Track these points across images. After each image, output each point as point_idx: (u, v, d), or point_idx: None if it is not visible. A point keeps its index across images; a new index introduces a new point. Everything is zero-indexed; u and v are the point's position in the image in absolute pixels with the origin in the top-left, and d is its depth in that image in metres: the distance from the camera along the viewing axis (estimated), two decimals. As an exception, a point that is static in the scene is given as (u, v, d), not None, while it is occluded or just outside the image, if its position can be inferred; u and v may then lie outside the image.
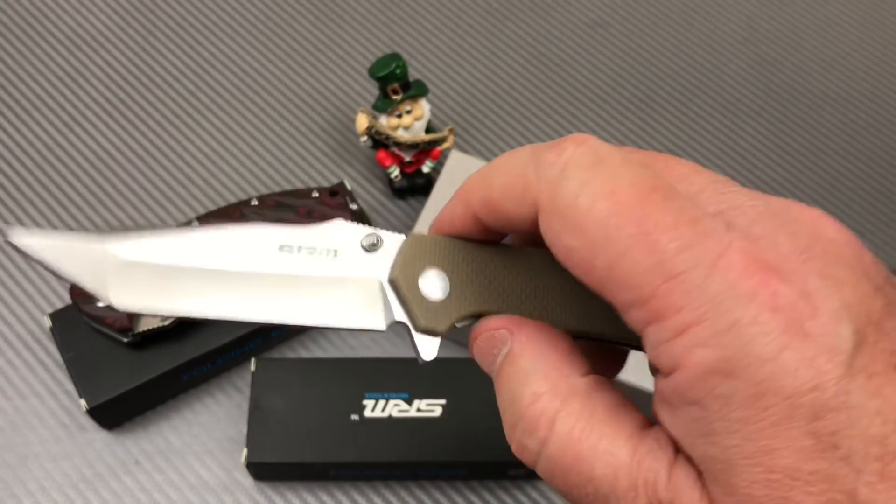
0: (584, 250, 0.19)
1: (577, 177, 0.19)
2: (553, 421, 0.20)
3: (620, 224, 0.18)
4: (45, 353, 0.53)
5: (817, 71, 0.70)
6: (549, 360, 0.22)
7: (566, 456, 0.20)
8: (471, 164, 0.56)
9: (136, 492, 0.49)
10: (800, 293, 0.17)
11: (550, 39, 0.70)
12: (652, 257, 0.18)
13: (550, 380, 0.21)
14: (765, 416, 0.17)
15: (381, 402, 0.47)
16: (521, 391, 0.21)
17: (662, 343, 0.18)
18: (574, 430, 0.20)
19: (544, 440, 0.20)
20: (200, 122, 0.63)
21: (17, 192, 0.59)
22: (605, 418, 0.20)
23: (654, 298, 0.18)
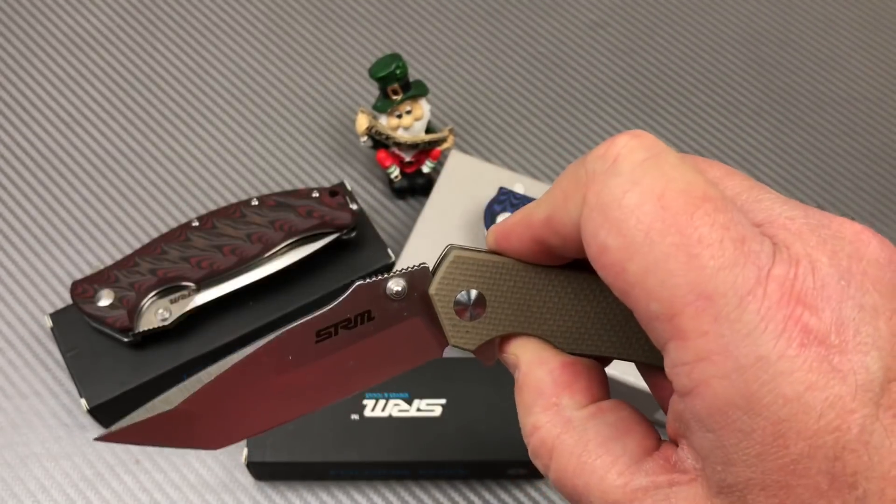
0: (620, 251, 0.18)
1: (627, 173, 0.18)
2: (552, 451, 0.21)
3: (664, 230, 0.17)
4: (45, 352, 0.53)
5: (817, 71, 0.70)
6: (547, 394, 0.22)
7: (566, 485, 0.21)
8: (471, 164, 0.56)
9: (137, 491, 0.49)
10: (832, 324, 0.16)
11: (550, 39, 0.70)
12: (689, 273, 0.17)
13: (548, 413, 0.22)
14: (784, 455, 0.16)
15: (381, 402, 0.47)
16: (525, 420, 0.22)
17: (682, 364, 0.17)
18: (570, 464, 0.21)
19: (546, 466, 0.21)
20: (200, 121, 0.63)
21: (17, 191, 0.59)
22: (600, 451, 0.20)
23: (682, 316, 0.17)
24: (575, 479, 0.20)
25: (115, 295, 0.47)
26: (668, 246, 0.17)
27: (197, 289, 0.49)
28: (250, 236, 0.49)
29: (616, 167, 0.19)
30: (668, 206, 0.18)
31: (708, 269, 0.17)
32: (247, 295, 0.50)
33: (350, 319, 0.24)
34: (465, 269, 0.23)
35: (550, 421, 0.22)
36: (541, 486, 0.51)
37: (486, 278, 0.23)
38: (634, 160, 0.19)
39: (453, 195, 0.54)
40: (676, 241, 0.17)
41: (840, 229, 0.18)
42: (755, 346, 0.16)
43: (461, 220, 0.54)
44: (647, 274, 0.18)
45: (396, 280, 0.24)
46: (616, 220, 0.18)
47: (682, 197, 0.18)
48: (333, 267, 0.53)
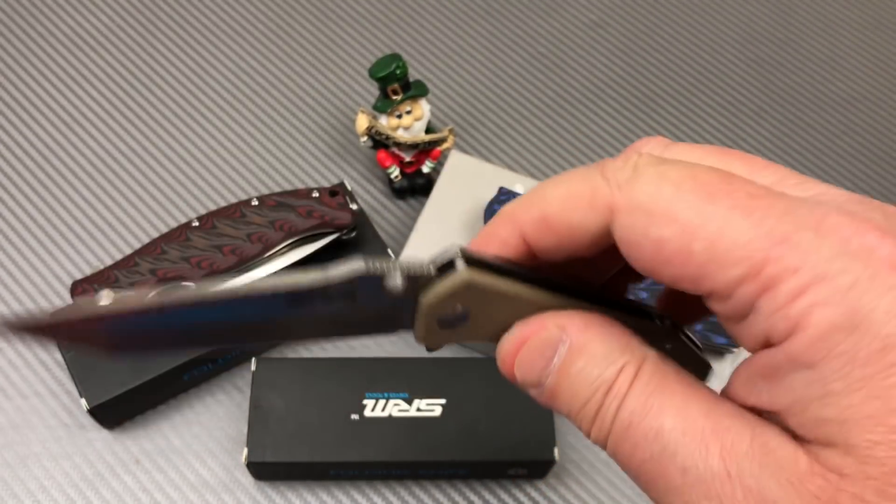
0: (680, 237, 0.18)
1: (652, 171, 0.19)
2: (632, 380, 0.20)
3: (713, 200, 0.18)
4: (45, 352, 0.53)
5: (817, 72, 0.70)
6: (618, 337, 0.21)
7: (635, 415, 0.19)
8: (471, 164, 0.56)
9: (137, 491, 0.49)
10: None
11: (550, 39, 0.70)
12: (756, 225, 0.17)
13: (628, 351, 0.20)
14: (890, 373, 0.16)
15: (381, 402, 0.47)
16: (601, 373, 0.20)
17: (779, 309, 0.17)
18: (649, 385, 0.19)
19: (622, 400, 0.20)
20: (200, 121, 0.63)
21: (17, 191, 0.59)
22: (679, 381, 0.20)
23: (768, 264, 0.17)
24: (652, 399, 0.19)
25: (114, 295, 0.47)
26: (725, 210, 0.18)
27: (197, 289, 0.49)
28: (250, 236, 0.49)
29: (639, 172, 0.19)
30: (706, 181, 0.18)
31: (771, 216, 0.17)
32: (247, 295, 0.50)
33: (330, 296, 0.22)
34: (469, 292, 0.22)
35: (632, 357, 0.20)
36: (541, 486, 0.51)
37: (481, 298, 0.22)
38: (653, 161, 0.19)
39: (453, 195, 0.54)
40: (730, 204, 0.18)
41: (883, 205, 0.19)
42: (848, 269, 0.17)
43: (461, 220, 0.54)
44: (717, 244, 0.18)
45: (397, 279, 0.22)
46: (662, 211, 0.18)
47: (713, 173, 0.18)
48: (333, 267, 0.52)
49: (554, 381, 0.21)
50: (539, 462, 0.47)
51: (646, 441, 0.19)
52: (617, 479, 0.51)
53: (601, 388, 0.20)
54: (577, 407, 0.21)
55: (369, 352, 0.54)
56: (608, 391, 0.20)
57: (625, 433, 0.19)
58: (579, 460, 0.52)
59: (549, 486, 0.51)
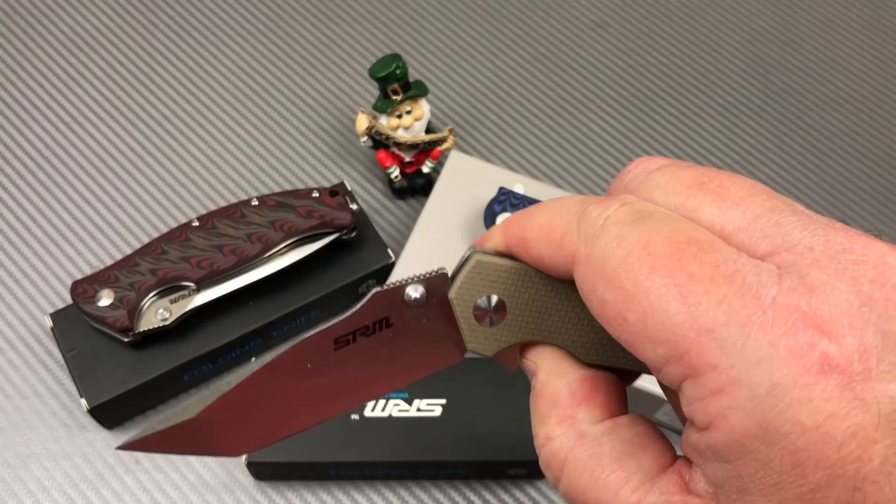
0: (618, 304, 0.18)
1: (614, 231, 0.19)
2: (564, 463, 0.21)
3: (653, 276, 0.18)
4: (45, 352, 0.53)
5: (817, 72, 0.70)
6: (563, 406, 0.22)
7: (576, 500, 0.21)
8: (471, 164, 0.56)
9: (137, 491, 0.49)
10: (854, 351, 0.16)
11: (550, 40, 0.70)
12: (685, 310, 0.17)
13: (563, 426, 0.22)
14: (802, 484, 0.16)
15: (381, 402, 0.47)
16: (539, 430, 0.22)
17: (698, 400, 0.17)
18: (581, 478, 0.21)
19: (557, 479, 0.21)
20: (200, 121, 0.63)
21: (17, 191, 0.59)
22: (614, 466, 0.20)
23: (689, 354, 0.17)
24: (587, 495, 0.20)
25: (115, 295, 0.47)
26: (660, 289, 0.18)
27: (197, 289, 0.49)
28: (250, 236, 0.49)
29: (604, 228, 0.19)
30: (655, 253, 0.18)
31: (702, 304, 0.17)
32: (247, 295, 0.50)
33: (368, 326, 0.23)
34: (486, 275, 0.23)
35: (564, 433, 0.22)
36: (541, 486, 0.51)
37: (507, 284, 0.23)
38: (621, 221, 0.19)
39: (453, 195, 0.54)
40: (667, 283, 0.18)
41: (864, 252, 0.17)
42: (768, 373, 0.16)
43: (461, 220, 0.54)
44: (647, 320, 0.18)
45: (415, 286, 0.23)
46: (608, 275, 0.19)
47: (668, 243, 0.18)
48: (333, 267, 0.53)
49: None
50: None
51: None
52: (617, 479, 0.51)
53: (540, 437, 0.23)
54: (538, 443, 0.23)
55: (369, 352, 0.54)
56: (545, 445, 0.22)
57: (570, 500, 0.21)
58: (579, 460, 0.51)
59: (550, 487, 0.51)
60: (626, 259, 0.18)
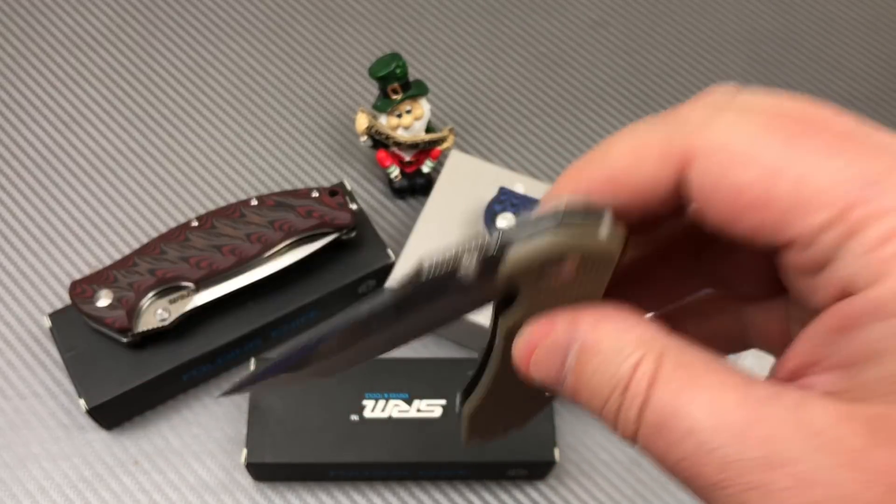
0: (762, 180, 0.17)
1: (732, 111, 0.17)
2: (652, 379, 0.18)
3: (801, 140, 0.17)
4: (44, 353, 0.53)
5: (819, 71, 0.70)
6: (632, 329, 0.19)
7: (665, 413, 0.18)
8: (471, 164, 0.56)
9: (136, 492, 0.49)
10: None
11: (550, 39, 0.70)
12: (847, 166, 0.16)
13: (644, 344, 0.19)
14: None
15: (381, 403, 0.47)
16: (616, 370, 0.19)
17: (865, 254, 0.16)
18: (672, 384, 0.18)
19: (643, 404, 0.18)
20: (200, 121, 0.63)
21: (16, 191, 0.59)
22: (705, 371, 0.18)
23: (856, 207, 0.16)
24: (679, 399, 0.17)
25: (113, 295, 0.47)
26: (811, 151, 0.17)
27: (196, 289, 0.49)
28: (250, 236, 0.49)
29: (718, 112, 0.18)
30: (790, 121, 0.17)
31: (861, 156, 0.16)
32: (246, 295, 0.50)
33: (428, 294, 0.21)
34: None
35: (649, 351, 0.18)
36: (541, 486, 0.50)
37: None
38: (732, 101, 0.18)
39: (453, 195, 0.54)
40: (817, 145, 0.17)
41: None
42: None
43: (461, 220, 0.53)
44: (803, 186, 0.16)
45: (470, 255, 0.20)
46: (744, 154, 0.17)
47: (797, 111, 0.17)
48: (333, 267, 0.52)
49: (572, 383, 0.20)
50: (539, 463, 0.47)
51: (679, 441, 0.17)
52: (617, 479, 0.51)
53: (619, 387, 0.18)
54: (598, 407, 0.19)
55: (369, 352, 0.54)
56: (626, 389, 0.18)
57: (655, 434, 0.18)
58: (579, 461, 0.51)
59: (550, 487, 0.50)
60: (762, 130, 0.17)
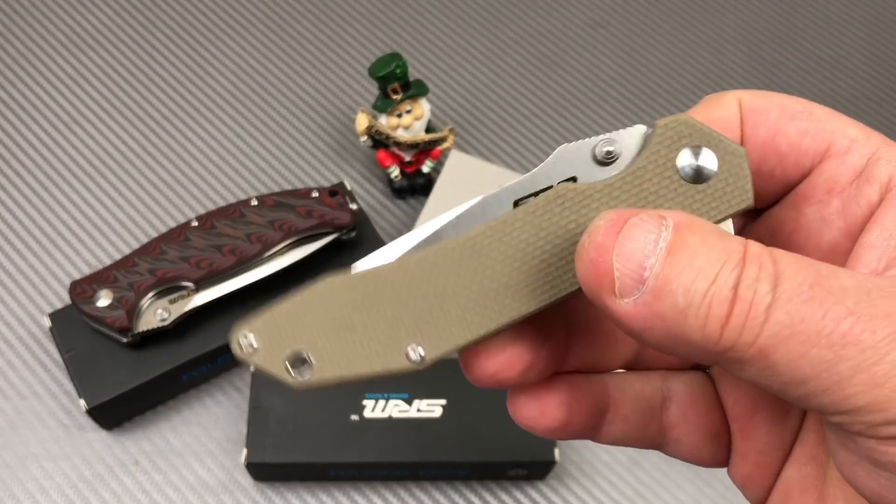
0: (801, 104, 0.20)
1: None
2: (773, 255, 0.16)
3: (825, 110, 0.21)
4: (44, 353, 0.53)
5: (819, 71, 0.70)
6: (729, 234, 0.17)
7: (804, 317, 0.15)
8: (471, 164, 0.56)
9: (136, 492, 0.49)
10: None
11: (551, 39, 0.70)
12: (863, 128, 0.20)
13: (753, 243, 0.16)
14: None
15: (381, 403, 0.47)
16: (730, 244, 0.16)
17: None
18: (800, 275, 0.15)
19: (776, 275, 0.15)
20: (200, 121, 0.63)
21: (16, 191, 0.59)
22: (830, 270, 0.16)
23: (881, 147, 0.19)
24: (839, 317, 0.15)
25: (113, 295, 0.47)
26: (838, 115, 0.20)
27: (196, 289, 0.49)
28: (250, 236, 0.49)
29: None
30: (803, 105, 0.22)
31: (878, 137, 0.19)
32: (246, 295, 0.50)
33: (550, 187, 0.21)
34: None
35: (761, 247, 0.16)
36: (541, 486, 0.50)
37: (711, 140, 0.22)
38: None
39: (453, 195, 0.54)
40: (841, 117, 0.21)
41: None
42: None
43: (461, 220, 0.54)
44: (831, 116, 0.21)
45: (608, 140, 0.20)
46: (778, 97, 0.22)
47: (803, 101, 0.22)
48: (333, 267, 0.52)
49: (661, 268, 0.16)
50: (539, 463, 0.47)
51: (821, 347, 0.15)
52: (617, 479, 0.51)
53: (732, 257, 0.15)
54: (703, 287, 0.15)
55: (369, 352, 0.54)
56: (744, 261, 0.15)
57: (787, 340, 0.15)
58: (579, 461, 0.51)
59: (550, 487, 0.50)
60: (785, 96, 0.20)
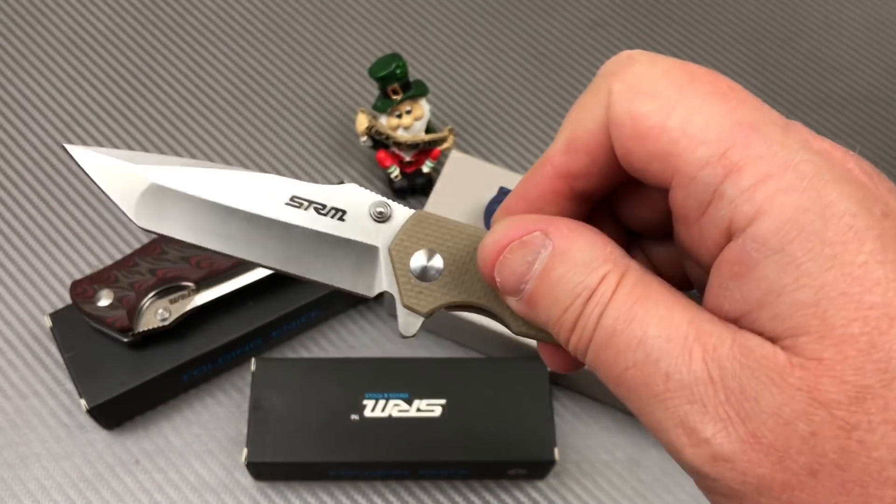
0: (658, 112, 0.19)
1: (645, 59, 0.20)
2: (614, 288, 0.19)
3: (694, 83, 0.19)
4: (45, 352, 0.53)
5: (818, 71, 0.70)
6: (603, 246, 0.20)
7: (619, 322, 0.19)
8: (471, 164, 0.56)
9: (137, 491, 0.49)
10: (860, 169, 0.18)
11: (550, 39, 0.70)
12: (731, 112, 0.18)
13: (610, 260, 0.20)
14: (861, 250, 0.16)
15: (381, 402, 0.47)
16: (582, 279, 0.20)
17: (742, 192, 0.18)
18: (633, 293, 0.19)
19: (605, 307, 0.19)
20: (200, 122, 0.63)
21: (17, 191, 0.59)
22: (662, 290, 0.19)
23: (734, 147, 0.18)
24: (636, 308, 0.19)
25: (114, 295, 0.47)
26: (703, 94, 0.19)
27: (196, 289, 0.49)
28: (250, 236, 0.49)
29: (632, 59, 0.20)
30: (693, 70, 0.20)
31: (744, 107, 0.18)
32: (247, 295, 0.50)
33: (324, 206, 0.24)
34: (426, 229, 0.24)
35: (615, 267, 0.20)
36: (541, 486, 0.51)
37: (446, 241, 0.23)
38: (646, 55, 0.20)
39: (453, 195, 0.54)
40: (709, 90, 0.19)
41: None
42: (811, 161, 0.17)
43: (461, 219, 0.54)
44: (690, 122, 0.18)
45: (385, 203, 0.24)
46: (646, 89, 0.19)
47: (700, 68, 0.20)
48: (333, 267, 0.52)
49: (534, 287, 0.21)
50: (539, 462, 0.47)
51: (629, 349, 0.19)
52: (617, 479, 0.51)
53: (582, 295, 0.20)
54: (557, 314, 0.20)
55: (369, 352, 0.54)
56: (589, 298, 0.19)
57: (607, 341, 0.19)
58: (579, 460, 0.51)
59: (550, 487, 0.51)
60: (666, 72, 0.19)
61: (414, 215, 0.24)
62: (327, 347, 0.54)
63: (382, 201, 0.24)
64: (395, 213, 0.24)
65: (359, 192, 0.24)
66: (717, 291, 0.19)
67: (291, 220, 0.24)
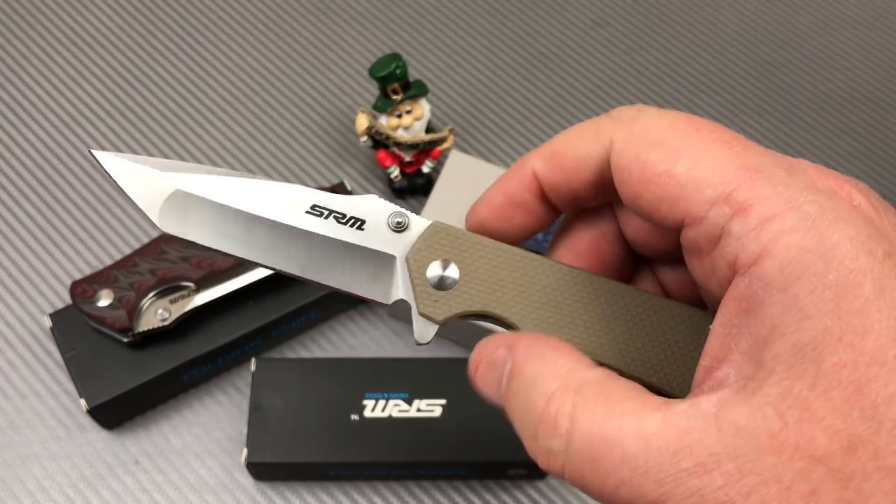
0: (665, 159, 0.20)
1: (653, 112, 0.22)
2: (572, 414, 0.19)
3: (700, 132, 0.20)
4: (45, 352, 0.53)
5: (818, 71, 0.70)
6: (554, 362, 0.21)
7: (593, 445, 0.19)
8: (471, 164, 0.56)
9: (136, 492, 0.49)
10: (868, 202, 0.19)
11: (550, 39, 0.70)
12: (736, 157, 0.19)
13: (559, 378, 0.20)
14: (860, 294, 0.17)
15: (381, 402, 0.47)
16: (534, 398, 0.20)
17: (748, 231, 0.18)
18: (596, 416, 0.19)
19: (568, 436, 0.19)
20: (200, 122, 0.63)
21: (16, 191, 0.59)
22: (625, 398, 0.19)
23: (739, 189, 0.19)
24: (605, 429, 0.19)
25: (114, 295, 0.47)
26: (708, 141, 0.20)
27: (197, 289, 0.49)
28: (250, 236, 0.49)
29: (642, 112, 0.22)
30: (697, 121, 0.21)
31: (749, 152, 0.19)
32: (247, 295, 0.50)
33: (344, 215, 0.25)
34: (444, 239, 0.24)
35: (564, 384, 0.20)
36: (541, 486, 0.51)
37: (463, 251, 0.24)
38: (653, 108, 0.22)
39: (453, 195, 0.54)
40: (714, 138, 0.20)
41: None
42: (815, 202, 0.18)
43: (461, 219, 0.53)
44: (697, 166, 0.19)
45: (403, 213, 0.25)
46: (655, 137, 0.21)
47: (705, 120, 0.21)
48: (333, 267, 0.52)
49: (504, 402, 0.22)
50: (539, 462, 0.47)
51: (615, 469, 0.18)
52: (617, 479, 0.51)
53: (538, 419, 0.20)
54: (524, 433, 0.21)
55: (369, 352, 0.54)
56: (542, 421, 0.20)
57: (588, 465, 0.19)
58: (579, 461, 0.51)
59: (550, 487, 0.51)
60: (672, 123, 0.21)
61: (431, 226, 0.24)
62: (327, 347, 0.54)
63: (400, 211, 0.25)
64: (413, 224, 0.25)
65: (377, 203, 0.25)
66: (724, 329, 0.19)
67: (312, 228, 0.24)
